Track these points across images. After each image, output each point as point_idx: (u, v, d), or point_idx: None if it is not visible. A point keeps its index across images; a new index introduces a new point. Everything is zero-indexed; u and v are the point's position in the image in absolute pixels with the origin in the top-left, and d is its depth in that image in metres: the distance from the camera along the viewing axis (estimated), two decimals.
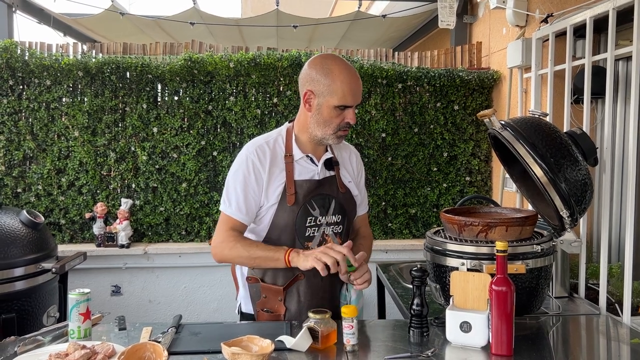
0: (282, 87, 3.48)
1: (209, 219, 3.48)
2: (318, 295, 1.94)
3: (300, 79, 1.89)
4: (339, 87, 1.79)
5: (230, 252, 1.87)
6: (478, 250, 1.95)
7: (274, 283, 1.92)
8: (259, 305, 1.93)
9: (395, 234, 3.66)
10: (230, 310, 3.46)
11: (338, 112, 1.82)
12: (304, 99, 1.85)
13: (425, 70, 3.57)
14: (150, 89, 3.42)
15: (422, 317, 1.89)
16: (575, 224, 2.01)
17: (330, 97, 1.80)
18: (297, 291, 1.92)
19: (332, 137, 1.86)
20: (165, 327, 1.90)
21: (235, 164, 1.91)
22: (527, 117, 2.12)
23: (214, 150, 3.46)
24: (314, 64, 1.84)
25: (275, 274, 1.91)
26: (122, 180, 3.45)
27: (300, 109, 1.90)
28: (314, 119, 1.84)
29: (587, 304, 2.33)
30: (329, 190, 1.94)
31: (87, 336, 1.82)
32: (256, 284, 1.94)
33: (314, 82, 1.81)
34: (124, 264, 3.36)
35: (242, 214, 1.87)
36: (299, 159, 1.89)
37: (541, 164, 1.90)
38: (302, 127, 1.90)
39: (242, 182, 1.86)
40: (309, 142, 1.91)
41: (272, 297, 1.91)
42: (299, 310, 1.92)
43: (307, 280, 1.91)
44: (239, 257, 1.88)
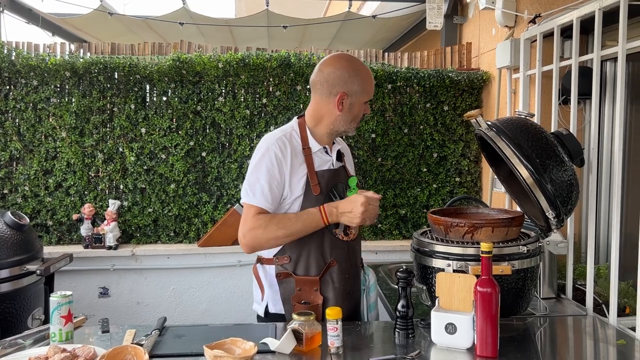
0: (271, 87, 3.47)
1: (197, 220, 3.46)
2: (350, 279, 2.02)
3: (325, 82, 1.95)
4: (367, 84, 1.97)
5: (264, 234, 1.88)
6: (464, 251, 1.94)
7: (307, 274, 1.96)
8: (295, 299, 1.95)
9: (385, 235, 3.65)
10: (219, 312, 3.45)
11: (364, 107, 2.00)
12: (337, 100, 1.93)
13: (415, 71, 3.56)
14: (139, 89, 3.39)
15: (408, 318, 1.88)
16: (561, 225, 2.01)
17: (362, 95, 1.96)
18: (331, 278, 1.98)
19: (353, 129, 2.03)
20: (150, 329, 1.89)
21: (256, 156, 1.95)
22: (513, 118, 2.12)
23: (203, 151, 3.44)
24: (343, 66, 1.95)
25: (308, 264, 1.96)
26: (110, 181, 3.42)
27: (319, 107, 1.98)
28: (345, 117, 1.96)
29: (574, 305, 2.32)
30: (343, 178, 2.05)
31: (69, 339, 1.80)
32: (288, 278, 1.97)
33: (347, 84, 1.93)
34: (112, 266, 3.33)
35: (268, 202, 1.90)
36: (316, 151, 1.98)
37: (527, 165, 1.90)
38: (319, 122, 1.99)
39: (265, 173, 1.90)
40: (325, 135, 2.01)
41: (307, 288, 1.95)
42: (335, 296, 1.97)
43: (339, 265, 1.98)
44: (275, 236, 1.89)
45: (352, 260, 2.04)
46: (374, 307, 2.21)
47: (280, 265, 1.97)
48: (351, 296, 2.06)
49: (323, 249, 1.97)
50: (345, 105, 1.95)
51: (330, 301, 1.97)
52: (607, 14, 2.19)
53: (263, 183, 1.90)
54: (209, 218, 3.45)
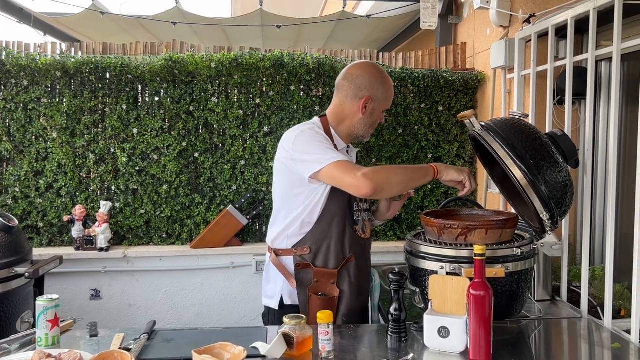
0: (264, 87, 3.44)
1: (190, 222, 3.43)
2: (364, 275, 2.11)
3: (352, 84, 2.02)
4: (390, 94, 2.08)
5: (383, 170, 1.92)
6: (457, 253, 1.92)
7: (326, 266, 2.02)
8: (311, 290, 2.01)
9: (380, 236, 3.63)
10: (212, 314, 3.42)
11: (382, 115, 2.09)
12: (362, 103, 2.01)
13: (409, 71, 3.54)
14: (130, 89, 3.36)
15: (400, 322, 1.86)
16: (556, 227, 1.99)
17: (384, 103, 2.06)
18: (348, 272, 2.04)
19: (368, 135, 2.12)
20: (140, 333, 1.86)
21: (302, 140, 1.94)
22: (507, 119, 2.10)
23: (196, 152, 3.41)
24: (371, 73, 2.03)
25: (327, 257, 2.01)
26: (102, 183, 3.39)
27: (341, 108, 2.05)
28: (365, 121, 2.04)
29: (569, 308, 2.30)
30: None
31: (56, 344, 1.77)
32: (307, 269, 2.02)
33: (373, 89, 2.02)
34: (104, 268, 3.30)
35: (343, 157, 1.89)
36: (341, 149, 2.04)
37: (521, 166, 1.88)
38: (341, 122, 2.06)
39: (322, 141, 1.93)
40: (345, 136, 2.08)
41: (325, 280, 2.01)
42: (350, 291, 2.03)
43: (356, 261, 2.05)
44: (395, 173, 1.93)
45: (367, 258, 2.15)
46: (376, 307, 2.26)
47: (299, 256, 2.03)
48: (363, 292, 2.14)
49: (343, 243, 2.04)
50: (368, 110, 2.03)
51: (345, 295, 2.04)
52: (601, 13, 2.17)
53: (329, 148, 1.92)
54: (202, 219, 3.42)
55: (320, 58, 3.45)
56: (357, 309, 2.07)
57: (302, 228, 2.04)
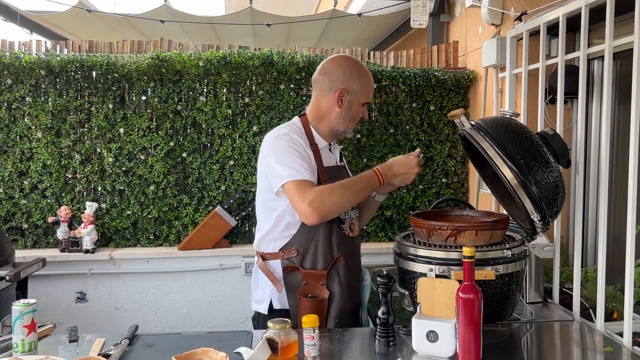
0: (254, 86, 3.39)
1: (178, 223, 3.37)
2: (354, 275, 2.06)
3: (327, 77, 1.99)
4: (368, 86, 2.02)
5: (330, 196, 1.85)
6: (447, 255, 1.88)
7: (314, 268, 1.97)
8: (301, 292, 1.96)
9: (371, 237, 3.58)
10: (200, 317, 3.36)
11: (362, 109, 2.03)
12: (337, 96, 1.98)
13: (400, 70, 3.50)
14: (117, 88, 3.30)
15: (388, 326, 1.82)
16: (547, 228, 1.95)
17: (361, 95, 2.00)
18: (337, 273, 1.99)
19: (350, 130, 2.06)
20: (121, 338, 1.81)
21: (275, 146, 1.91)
22: (497, 118, 2.06)
23: (184, 152, 3.36)
24: (345, 65, 2.00)
25: (315, 258, 1.96)
26: (88, 183, 3.32)
27: (320, 104, 2.02)
28: (343, 114, 2.00)
29: (561, 310, 2.27)
30: (346, 176, 2.07)
31: (32, 350, 1.72)
32: (295, 272, 1.97)
33: (348, 82, 1.98)
34: (89, 270, 3.24)
35: (309, 174, 1.87)
36: (323, 148, 2.01)
37: (511, 166, 1.84)
38: (321, 120, 2.03)
39: (293, 151, 1.89)
40: (327, 134, 2.04)
41: (314, 282, 1.96)
42: (341, 291, 1.98)
43: (345, 261, 2.00)
44: (341, 196, 1.87)
45: (356, 257, 2.11)
46: (366, 307, 2.22)
47: (287, 259, 1.98)
48: (355, 292, 2.09)
49: (331, 243, 1.98)
50: (345, 103, 1.99)
51: (335, 296, 1.99)
52: (593, 10, 2.13)
53: (298, 159, 1.89)
54: (190, 220, 3.37)
55: (310, 57, 3.40)
56: (349, 309, 2.03)
57: (288, 230, 2.00)
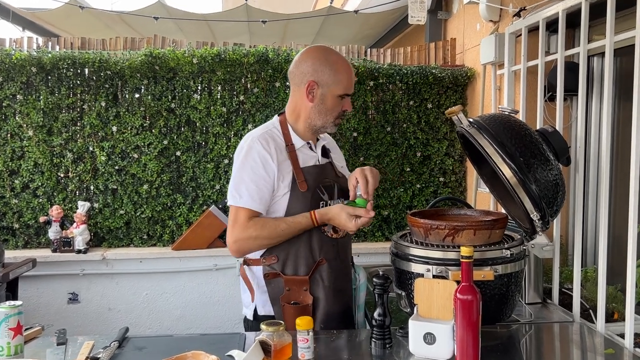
0: (249, 84, 3.34)
1: (172, 223, 3.32)
2: (339, 278, 1.96)
3: (297, 71, 1.91)
4: (342, 76, 1.89)
5: (255, 243, 1.85)
6: (444, 255, 1.84)
7: (296, 273, 1.90)
8: (284, 299, 1.89)
9: (368, 237, 3.54)
10: (194, 318, 3.32)
11: (339, 101, 1.91)
12: (306, 89, 1.89)
13: (398, 68, 3.45)
14: (110, 86, 3.25)
15: (385, 327, 1.78)
16: (546, 227, 1.91)
17: (335, 87, 1.88)
18: (321, 277, 1.91)
19: (331, 125, 1.94)
20: (111, 340, 1.76)
21: (238, 157, 1.90)
22: (496, 115, 2.02)
23: (177, 150, 3.31)
24: (315, 56, 1.90)
25: (297, 263, 1.89)
26: (80, 182, 3.27)
27: (295, 100, 1.94)
28: (316, 108, 1.90)
29: (560, 311, 2.23)
30: (330, 175, 1.98)
31: (19, 353, 1.67)
32: (277, 278, 1.90)
33: (317, 73, 1.88)
34: (82, 270, 3.19)
35: (256, 203, 1.85)
36: (300, 147, 1.93)
37: (510, 164, 1.80)
38: (298, 117, 1.95)
39: (250, 172, 1.85)
40: (306, 131, 1.95)
41: (296, 288, 1.89)
42: (325, 295, 1.91)
43: (328, 263, 1.91)
44: (268, 244, 1.87)
45: (342, 258, 1.99)
46: (362, 308, 2.13)
47: (268, 266, 1.91)
48: (342, 295, 1.99)
49: (311, 247, 1.91)
50: (317, 96, 1.90)
51: (320, 301, 1.91)
52: (594, 6, 2.09)
53: (249, 183, 1.85)
54: (184, 220, 3.32)
55: None
56: (336, 312, 1.96)
57: None
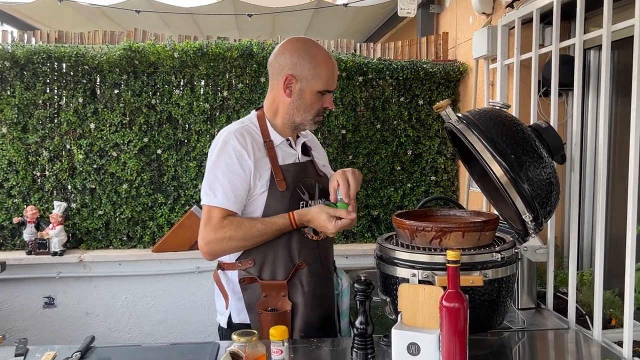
0: (233, 79, 3.22)
1: (152, 224, 3.20)
2: (320, 283, 1.85)
3: (275, 64, 1.81)
4: (322, 71, 1.78)
5: (229, 244, 1.74)
6: (431, 259, 1.72)
7: (273, 278, 1.79)
8: (261, 306, 1.78)
9: (357, 238, 3.42)
10: (176, 323, 3.19)
11: (319, 97, 1.80)
12: (283, 84, 1.79)
13: (388, 62, 3.33)
14: (87, 81, 3.12)
15: (367, 337, 1.66)
16: (540, 229, 1.79)
17: (315, 82, 1.78)
18: (300, 282, 1.80)
19: (310, 122, 1.84)
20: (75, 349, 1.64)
21: (213, 152, 1.79)
22: (486, 109, 1.90)
23: (158, 148, 3.19)
24: (294, 48, 1.79)
25: (274, 267, 1.79)
26: (57, 182, 3.15)
27: (274, 94, 1.84)
28: (295, 104, 1.80)
29: (555, 317, 2.11)
30: (311, 174, 1.89)
31: None
32: (253, 284, 1.79)
33: (295, 67, 1.77)
34: (58, 273, 3.06)
35: (230, 202, 1.74)
36: (279, 144, 1.83)
37: (500, 162, 1.68)
38: (276, 112, 1.85)
39: (224, 169, 1.74)
40: (285, 127, 1.85)
41: (274, 294, 1.78)
42: (305, 301, 1.80)
43: (308, 268, 1.81)
44: (241, 246, 1.76)
45: (323, 262, 1.88)
46: (346, 314, 2.01)
47: (244, 270, 1.79)
48: (323, 301, 1.87)
49: (290, 249, 1.79)
50: (295, 91, 1.79)
51: (299, 307, 1.79)
52: None
53: (223, 181, 1.73)
54: (165, 221, 3.19)
55: None
56: (317, 319, 1.85)
57: None
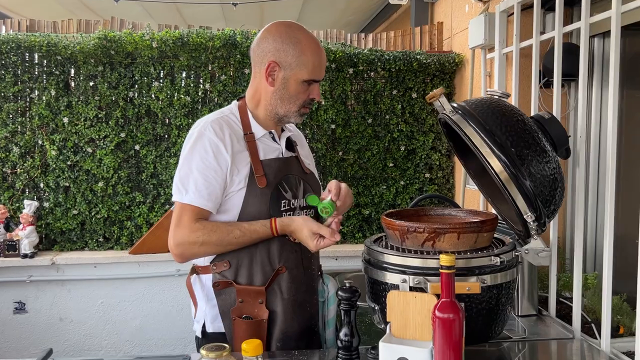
0: (215, 70, 3.05)
1: (130, 224, 3.03)
2: (301, 289, 1.70)
3: (258, 50, 1.67)
4: (309, 59, 1.63)
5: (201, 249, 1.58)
6: (423, 263, 1.56)
7: (251, 283, 1.63)
8: (235, 312, 1.63)
9: (347, 238, 3.26)
10: (155, 328, 3.03)
11: (305, 87, 1.66)
12: (266, 71, 1.64)
13: (379, 53, 3.17)
14: (60, 72, 2.95)
15: (352, 350, 1.52)
16: (543, 230, 1.63)
17: (299, 70, 1.63)
18: (280, 288, 1.65)
19: (295, 114, 1.70)
20: None
21: (187, 144, 1.64)
22: (484, 99, 1.73)
23: (136, 144, 3.02)
24: (278, 33, 1.64)
25: (252, 271, 1.64)
26: (29, 179, 2.97)
27: (256, 83, 1.70)
28: (278, 94, 1.66)
29: (558, 325, 1.95)
30: (296, 171, 1.74)
31: None
32: (228, 288, 1.63)
33: (279, 53, 1.62)
34: (29, 277, 2.89)
35: (204, 199, 1.58)
36: (261, 137, 1.68)
37: (500, 156, 1.52)
38: (259, 103, 1.70)
39: (199, 162, 1.59)
40: (267, 119, 1.71)
41: (251, 300, 1.63)
42: (284, 309, 1.65)
43: (289, 273, 1.66)
44: (214, 251, 1.61)
45: (307, 267, 1.72)
46: (332, 324, 1.83)
47: (219, 273, 1.63)
48: (305, 310, 1.71)
49: (270, 252, 1.64)
50: (278, 80, 1.64)
51: (278, 316, 1.64)
52: None
53: (197, 175, 1.58)
54: (144, 221, 3.02)
55: None
56: (297, 330, 1.68)
57: None
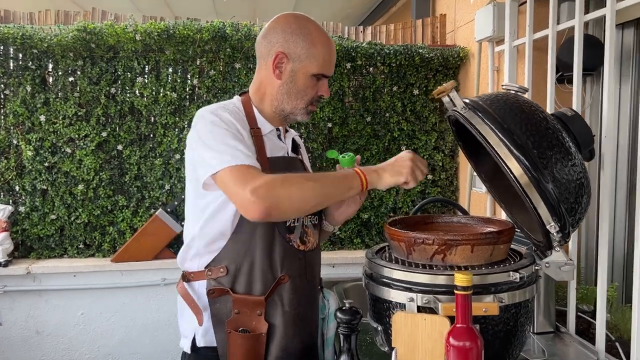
0: (204, 65, 2.85)
1: (112, 229, 2.83)
2: (302, 301, 1.56)
3: (264, 42, 1.55)
4: (319, 51, 1.53)
5: (283, 186, 1.34)
6: (432, 280, 1.38)
7: (249, 292, 1.48)
8: (231, 324, 1.47)
9: (345, 244, 3.07)
10: (139, 342, 2.83)
11: (313, 82, 1.55)
12: (273, 62, 1.53)
13: (379, 47, 2.98)
14: (37, 67, 2.75)
15: None
16: (566, 241, 1.45)
17: (309, 63, 1.53)
18: (280, 299, 1.51)
19: (302, 111, 1.58)
20: None
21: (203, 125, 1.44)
22: (500, 94, 1.55)
23: (119, 144, 2.82)
24: (287, 24, 1.53)
25: (251, 278, 1.49)
26: (3, 182, 2.78)
27: (261, 77, 1.58)
28: (285, 88, 1.54)
29: (578, 344, 1.77)
30: (301, 170, 1.63)
31: None
32: (224, 296, 1.49)
33: (288, 44, 1.52)
34: (3, 287, 2.70)
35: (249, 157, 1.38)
36: (267, 133, 1.56)
37: (520, 157, 1.34)
38: (263, 97, 1.58)
39: (227, 133, 1.42)
40: (273, 115, 1.58)
41: (248, 311, 1.48)
42: (284, 324, 1.50)
43: (291, 282, 1.52)
44: (300, 189, 1.36)
45: (310, 277, 1.59)
46: (331, 343, 1.67)
47: (214, 280, 1.48)
48: (306, 325, 1.57)
49: (272, 259, 1.49)
50: (285, 72, 1.52)
51: (277, 330, 1.49)
52: None
53: (231, 140, 1.40)
54: (127, 226, 2.83)
55: None
56: (298, 347, 1.51)
57: (215, 241, 1.49)
